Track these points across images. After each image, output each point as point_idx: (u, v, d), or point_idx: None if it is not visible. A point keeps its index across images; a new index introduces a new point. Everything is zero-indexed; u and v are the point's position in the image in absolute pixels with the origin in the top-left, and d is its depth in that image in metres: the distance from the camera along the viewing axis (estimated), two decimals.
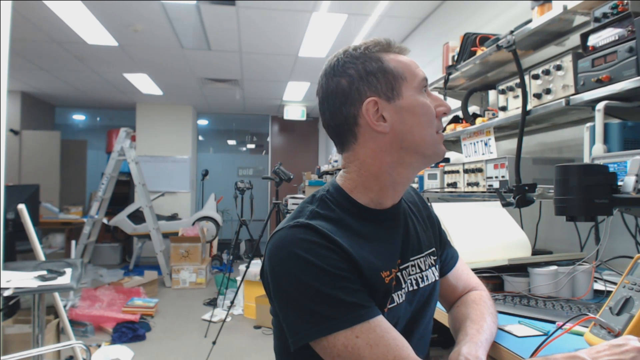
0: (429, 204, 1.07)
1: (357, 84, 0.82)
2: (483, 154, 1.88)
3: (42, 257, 2.44)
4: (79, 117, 9.52)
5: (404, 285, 0.85)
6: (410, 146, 0.83)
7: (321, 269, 0.73)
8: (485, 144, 1.86)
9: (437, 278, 0.95)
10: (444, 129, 2.33)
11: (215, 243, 6.93)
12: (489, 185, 1.76)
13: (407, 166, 0.85)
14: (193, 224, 6.47)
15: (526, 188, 1.40)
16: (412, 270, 0.89)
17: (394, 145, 0.82)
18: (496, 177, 1.71)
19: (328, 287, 0.72)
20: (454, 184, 2.06)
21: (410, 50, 0.89)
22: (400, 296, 0.84)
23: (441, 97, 0.88)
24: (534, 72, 1.55)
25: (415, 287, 0.88)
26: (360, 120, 0.82)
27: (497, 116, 1.80)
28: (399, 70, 0.83)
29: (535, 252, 1.56)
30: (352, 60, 0.83)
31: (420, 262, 0.91)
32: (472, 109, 2.37)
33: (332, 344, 0.71)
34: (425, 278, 0.91)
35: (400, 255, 0.87)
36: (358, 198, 0.85)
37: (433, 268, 0.94)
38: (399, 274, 0.85)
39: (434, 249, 0.96)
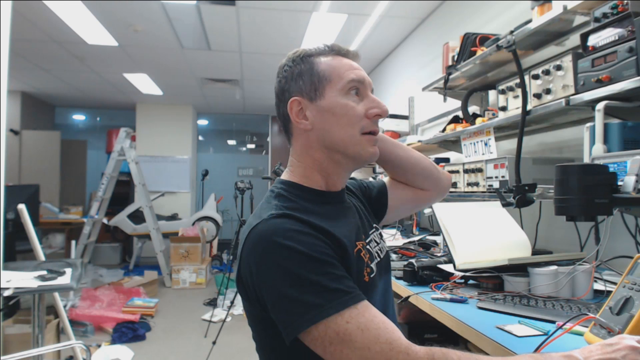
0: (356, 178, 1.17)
1: (288, 85, 0.90)
2: (483, 154, 1.88)
3: (42, 257, 2.44)
4: (79, 117, 9.52)
5: (375, 257, 0.92)
6: (332, 145, 0.88)
7: (305, 254, 0.74)
8: (485, 144, 1.86)
9: (387, 248, 1.05)
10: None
11: (215, 243, 6.92)
12: (489, 185, 1.76)
13: (336, 163, 0.90)
14: (193, 224, 6.47)
15: (526, 188, 1.40)
16: (373, 245, 0.95)
17: (320, 142, 0.88)
18: (496, 177, 1.71)
19: (313, 273, 0.73)
20: (454, 184, 2.06)
21: (357, 54, 0.93)
22: (375, 267, 0.89)
23: (378, 99, 0.90)
24: (534, 72, 1.55)
25: (379, 259, 0.95)
26: (290, 118, 0.89)
27: (497, 116, 1.80)
28: (325, 73, 0.88)
29: (535, 252, 1.56)
30: (290, 63, 0.91)
31: (375, 236, 0.99)
32: (472, 109, 2.37)
33: (322, 333, 0.71)
34: (382, 249, 0.98)
35: (363, 231, 0.93)
36: (308, 185, 0.90)
37: (382, 239, 1.03)
38: (367, 246, 0.91)
39: (375, 224, 1.05)
